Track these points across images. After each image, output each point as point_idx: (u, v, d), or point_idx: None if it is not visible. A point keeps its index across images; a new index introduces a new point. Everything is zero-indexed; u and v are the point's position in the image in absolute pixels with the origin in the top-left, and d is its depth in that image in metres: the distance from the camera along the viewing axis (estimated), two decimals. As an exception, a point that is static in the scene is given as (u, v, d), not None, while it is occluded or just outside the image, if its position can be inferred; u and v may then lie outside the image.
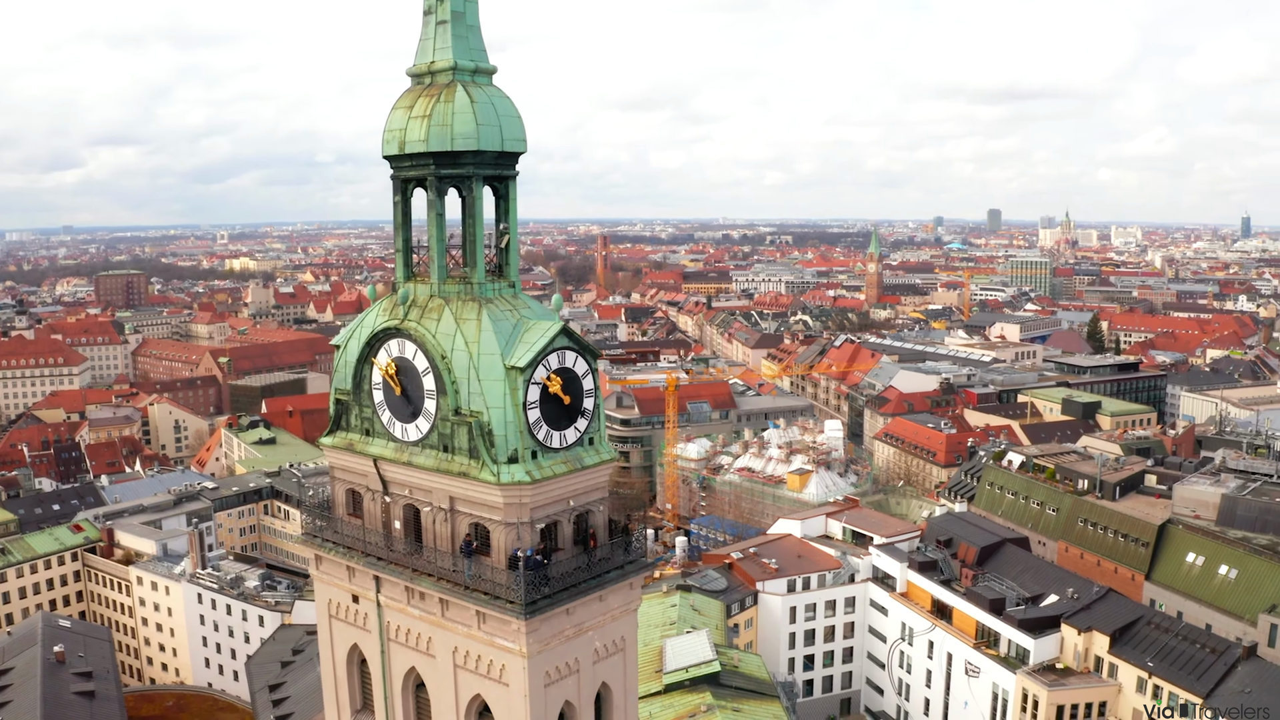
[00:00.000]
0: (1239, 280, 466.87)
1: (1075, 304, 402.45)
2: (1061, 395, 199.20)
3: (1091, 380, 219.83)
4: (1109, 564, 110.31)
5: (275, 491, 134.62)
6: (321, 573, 34.31)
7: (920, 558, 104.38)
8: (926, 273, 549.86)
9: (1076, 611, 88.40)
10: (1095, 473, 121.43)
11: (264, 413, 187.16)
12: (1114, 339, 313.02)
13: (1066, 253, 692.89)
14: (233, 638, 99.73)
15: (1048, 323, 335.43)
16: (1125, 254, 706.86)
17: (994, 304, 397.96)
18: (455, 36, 30.39)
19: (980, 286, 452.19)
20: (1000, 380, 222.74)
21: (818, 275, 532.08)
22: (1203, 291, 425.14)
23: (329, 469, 34.39)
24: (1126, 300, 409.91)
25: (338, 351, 33.34)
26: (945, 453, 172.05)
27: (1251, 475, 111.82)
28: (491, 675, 29.88)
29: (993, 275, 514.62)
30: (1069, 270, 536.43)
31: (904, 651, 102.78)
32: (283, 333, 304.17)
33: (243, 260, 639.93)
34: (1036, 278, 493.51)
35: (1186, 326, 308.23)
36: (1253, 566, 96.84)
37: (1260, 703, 72.24)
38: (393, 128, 30.78)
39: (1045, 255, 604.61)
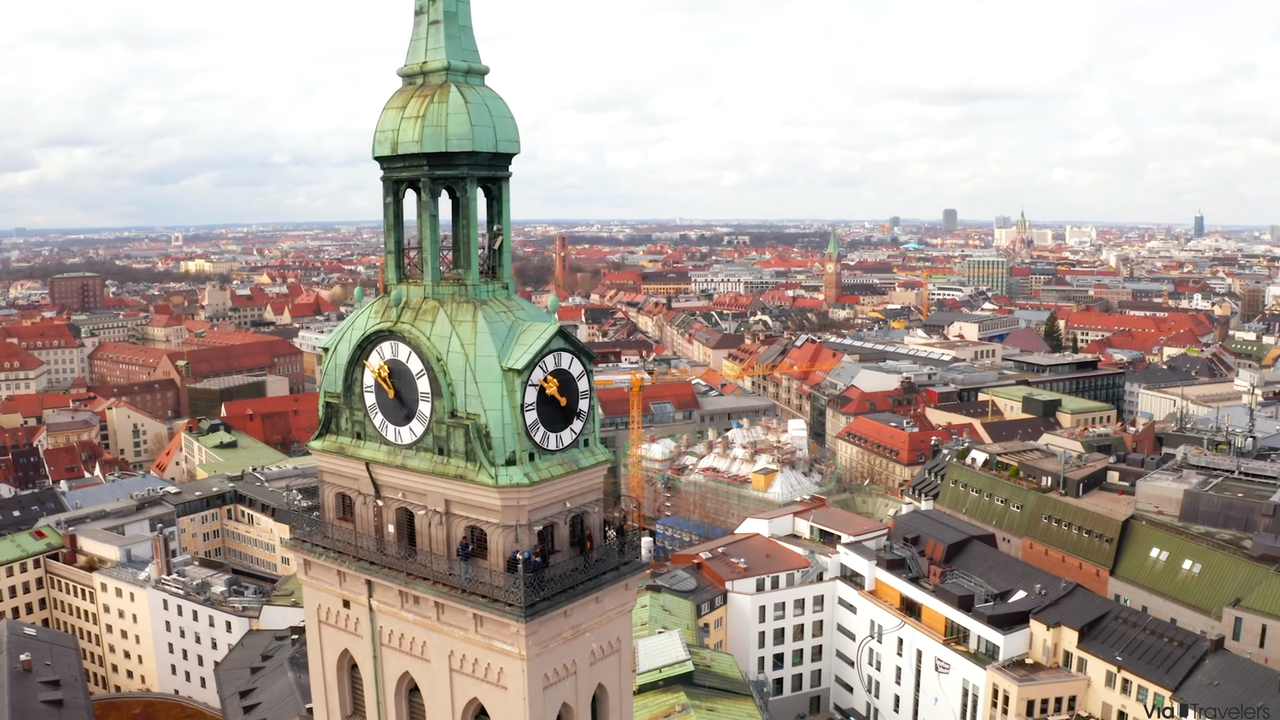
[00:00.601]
0: (1193, 279, 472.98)
1: (1032, 303, 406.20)
2: (1022, 394, 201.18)
3: (1051, 379, 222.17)
4: (1073, 560, 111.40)
5: (239, 496, 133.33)
6: (311, 578, 33.88)
7: (888, 556, 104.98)
8: (884, 273, 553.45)
9: (1045, 607, 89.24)
10: (1058, 470, 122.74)
11: (224, 416, 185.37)
12: (1071, 338, 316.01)
13: (1022, 252, 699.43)
14: (199, 644, 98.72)
15: (1005, 322, 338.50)
16: (1080, 253, 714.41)
17: (952, 303, 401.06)
18: (448, 37, 30.22)
19: (938, 286, 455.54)
20: (960, 379, 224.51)
21: (776, 275, 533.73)
22: (1158, 290, 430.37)
23: (318, 473, 33.97)
24: (1083, 299, 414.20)
25: (325, 354, 33.06)
26: (908, 451, 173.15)
27: (1213, 471, 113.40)
28: (489, 679, 29.71)
29: (950, 275, 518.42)
30: (1025, 270, 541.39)
31: (873, 649, 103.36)
32: (241, 335, 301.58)
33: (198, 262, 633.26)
34: (993, 277, 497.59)
35: (1143, 325, 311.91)
36: (1216, 561, 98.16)
37: (1229, 694, 73.27)
38: (385, 128, 30.51)
39: (1001, 255, 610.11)
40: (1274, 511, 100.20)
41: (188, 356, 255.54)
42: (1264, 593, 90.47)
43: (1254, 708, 70.78)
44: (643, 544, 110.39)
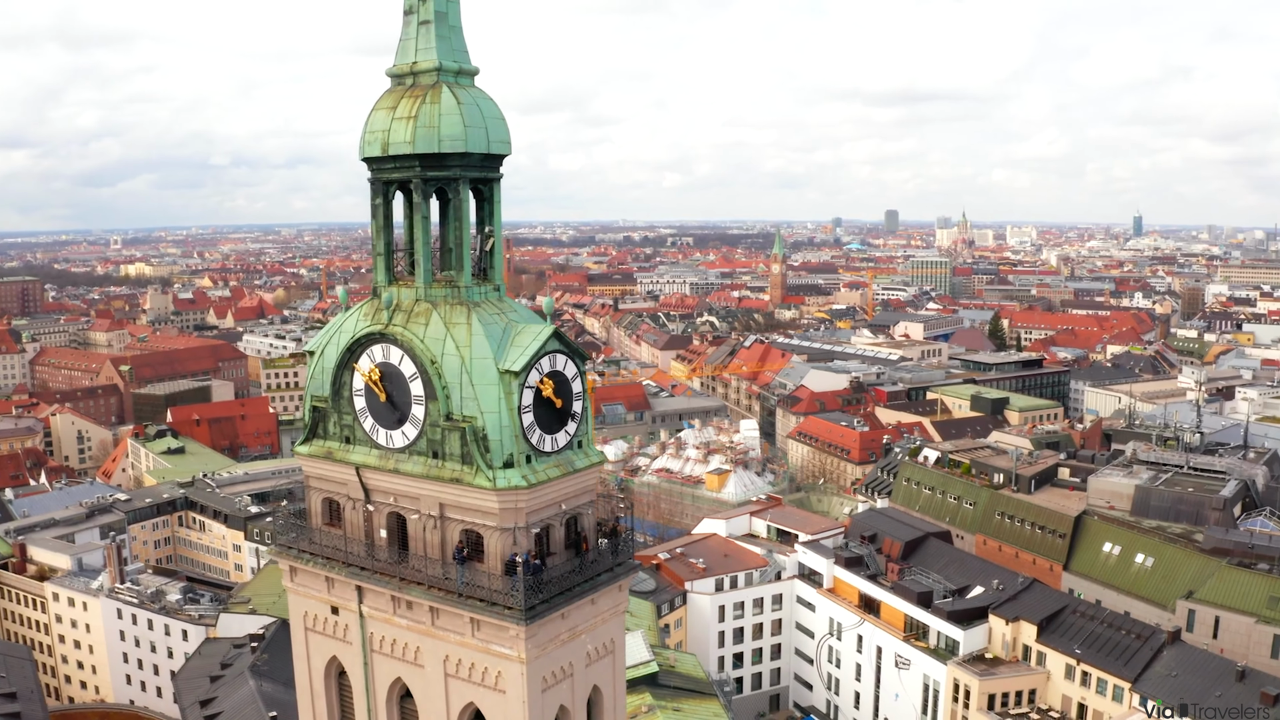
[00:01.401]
0: (1134, 278, 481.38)
1: (976, 303, 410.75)
2: (970, 392, 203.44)
3: (997, 377, 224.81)
4: (1027, 555, 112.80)
5: (190, 502, 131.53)
6: (297, 585, 33.40)
7: (846, 554, 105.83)
8: (829, 273, 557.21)
9: (1003, 602, 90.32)
10: (1010, 467, 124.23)
11: (170, 422, 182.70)
12: (1015, 336, 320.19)
13: (964, 252, 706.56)
14: (155, 653, 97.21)
15: (950, 321, 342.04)
16: (1021, 253, 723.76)
17: (896, 303, 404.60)
18: (439, 37, 29.95)
19: (882, 286, 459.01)
20: (908, 378, 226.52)
21: (721, 276, 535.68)
22: (1099, 289, 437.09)
23: (304, 478, 33.59)
24: (1025, 298, 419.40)
25: (311, 358, 32.62)
26: (859, 450, 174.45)
27: (1162, 466, 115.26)
28: (486, 683, 29.48)
29: (894, 275, 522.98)
30: (968, 270, 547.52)
31: (833, 646, 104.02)
32: (184, 339, 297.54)
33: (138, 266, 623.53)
34: (937, 277, 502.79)
35: (1085, 324, 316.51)
36: (1168, 554, 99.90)
37: (1187, 685, 74.66)
38: (375, 129, 30.17)
39: (944, 255, 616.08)
40: (1224, 505, 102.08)
41: (131, 361, 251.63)
42: (1216, 585, 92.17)
43: (1213, 697, 72.11)
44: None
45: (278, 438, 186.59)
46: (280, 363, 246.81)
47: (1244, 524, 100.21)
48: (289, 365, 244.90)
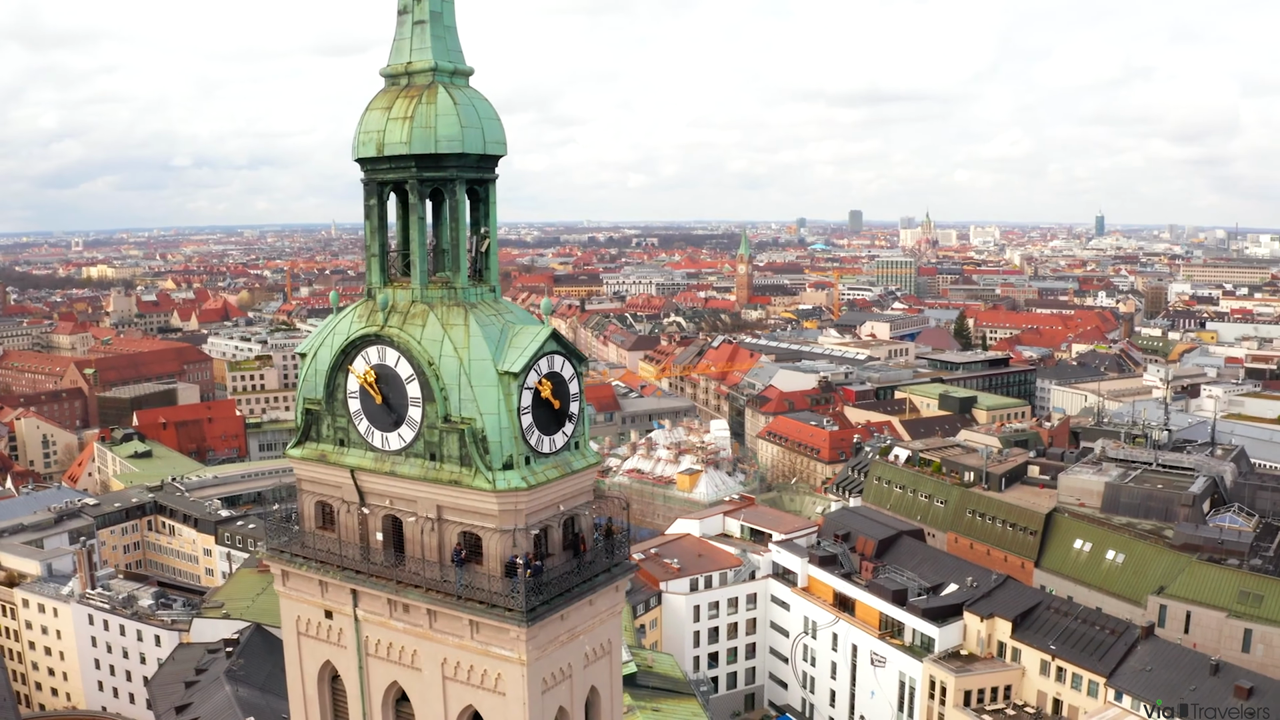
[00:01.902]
0: (1097, 277, 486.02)
1: (941, 302, 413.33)
2: (938, 391, 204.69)
3: (964, 376, 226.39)
4: (999, 553, 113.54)
5: (159, 507, 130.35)
6: (289, 589, 33.05)
7: (820, 552, 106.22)
8: (794, 273, 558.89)
9: (977, 599, 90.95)
10: (980, 465, 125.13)
11: (136, 425, 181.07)
12: (980, 336, 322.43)
13: (928, 252, 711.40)
14: (128, 659, 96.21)
15: (916, 321, 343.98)
16: (985, 253, 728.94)
17: (862, 303, 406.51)
18: (434, 37, 29.81)
19: (848, 286, 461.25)
20: (876, 377, 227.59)
21: (687, 277, 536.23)
22: (1063, 289, 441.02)
23: (296, 482, 33.11)
24: (990, 298, 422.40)
25: (304, 360, 32.40)
26: (829, 449, 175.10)
27: (1132, 464, 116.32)
28: (486, 685, 29.38)
29: (859, 275, 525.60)
30: (932, 269, 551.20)
31: (808, 645, 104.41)
32: (149, 342, 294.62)
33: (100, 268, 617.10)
34: (902, 277, 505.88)
35: (1050, 322, 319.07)
36: (1138, 551, 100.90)
37: (1162, 679, 75.51)
38: (370, 129, 29.96)
39: (908, 255, 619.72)
40: (1193, 502, 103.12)
41: (95, 364, 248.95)
42: (1187, 580, 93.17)
43: (1187, 691, 72.92)
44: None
45: (245, 441, 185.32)
46: (246, 365, 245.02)
47: (1213, 520, 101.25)
48: (255, 368, 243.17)
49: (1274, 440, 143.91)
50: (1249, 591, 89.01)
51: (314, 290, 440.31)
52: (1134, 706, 75.56)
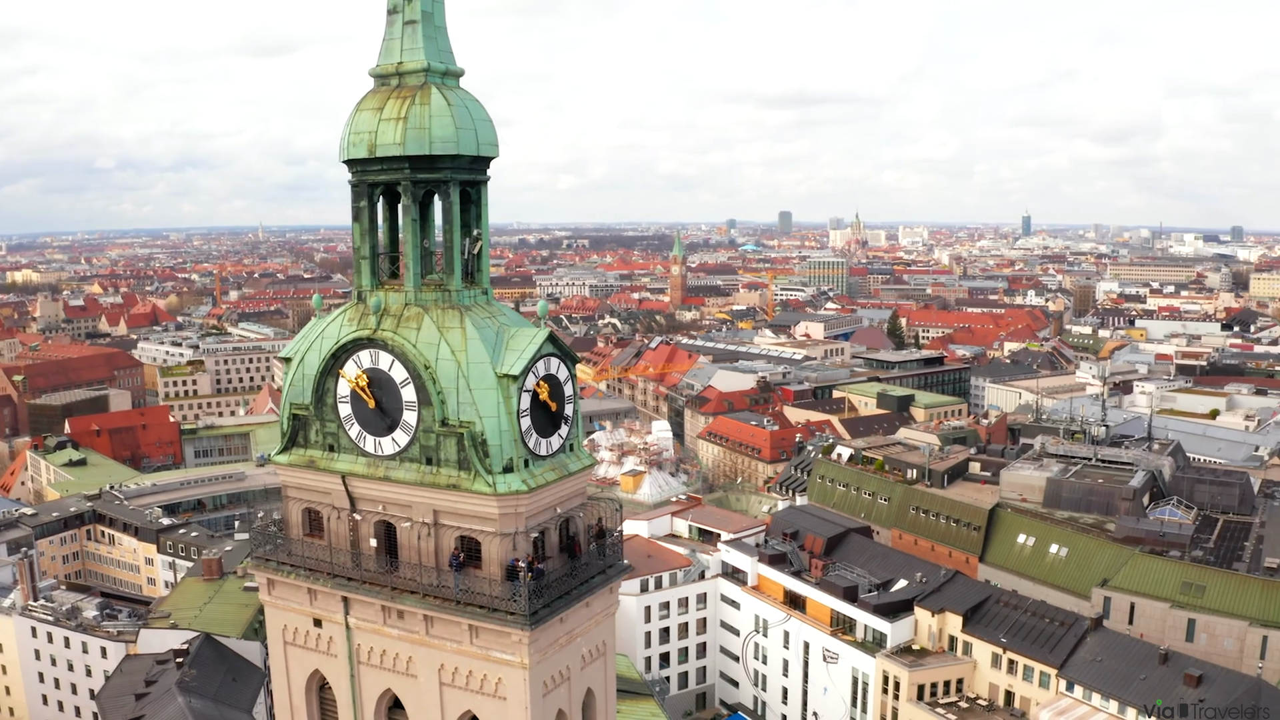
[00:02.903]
0: (1026, 276, 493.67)
1: (873, 302, 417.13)
2: (876, 390, 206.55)
3: (900, 375, 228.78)
4: (943, 549, 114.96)
5: (98, 515, 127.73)
6: (275, 598, 32.58)
7: (769, 551, 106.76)
8: (727, 274, 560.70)
9: (928, 594, 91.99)
10: (923, 462, 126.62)
11: (69, 433, 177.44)
12: (913, 335, 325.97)
13: (858, 253, 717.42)
14: (73, 672, 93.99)
15: (849, 320, 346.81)
16: (914, 253, 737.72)
17: (795, 304, 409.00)
18: (425, 37, 29.58)
19: (780, 287, 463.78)
20: (814, 377, 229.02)
21: (620, 278, 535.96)
22: (993, 288, 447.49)
23: (282, 488, 32.65)
24: (921, 297, 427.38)
25: (289, 364, 31.92)
26: (770, 449, 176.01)
27: (1071, 459, 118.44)
28: (485, 690, 29.18)
29: (792, 276, 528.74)
30: (863, 270, 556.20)
31: (759, 643, 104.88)
32: (78, 348, 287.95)
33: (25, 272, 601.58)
34: (834, 277, 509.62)
35: (981, 321, 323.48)
36: (1081, 544, 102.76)
37: (1112, 669, 76.98)
38: (360, 130, 29.61)
39: (839, 255, 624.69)
40: (1133, 496, 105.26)
41: (24, 371, 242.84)
42: (1130, 572, 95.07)
43: (1138, 681, 74.37)
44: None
45: (180, 448, 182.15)
46: (178, 370, 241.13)
47: (1153, 513, 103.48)
48: (186, 373, 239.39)
49: (1207, 435, 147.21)
50: (1191, 582, 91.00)
51: (243, 294, 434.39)
52: (1085, 696, 76.95)
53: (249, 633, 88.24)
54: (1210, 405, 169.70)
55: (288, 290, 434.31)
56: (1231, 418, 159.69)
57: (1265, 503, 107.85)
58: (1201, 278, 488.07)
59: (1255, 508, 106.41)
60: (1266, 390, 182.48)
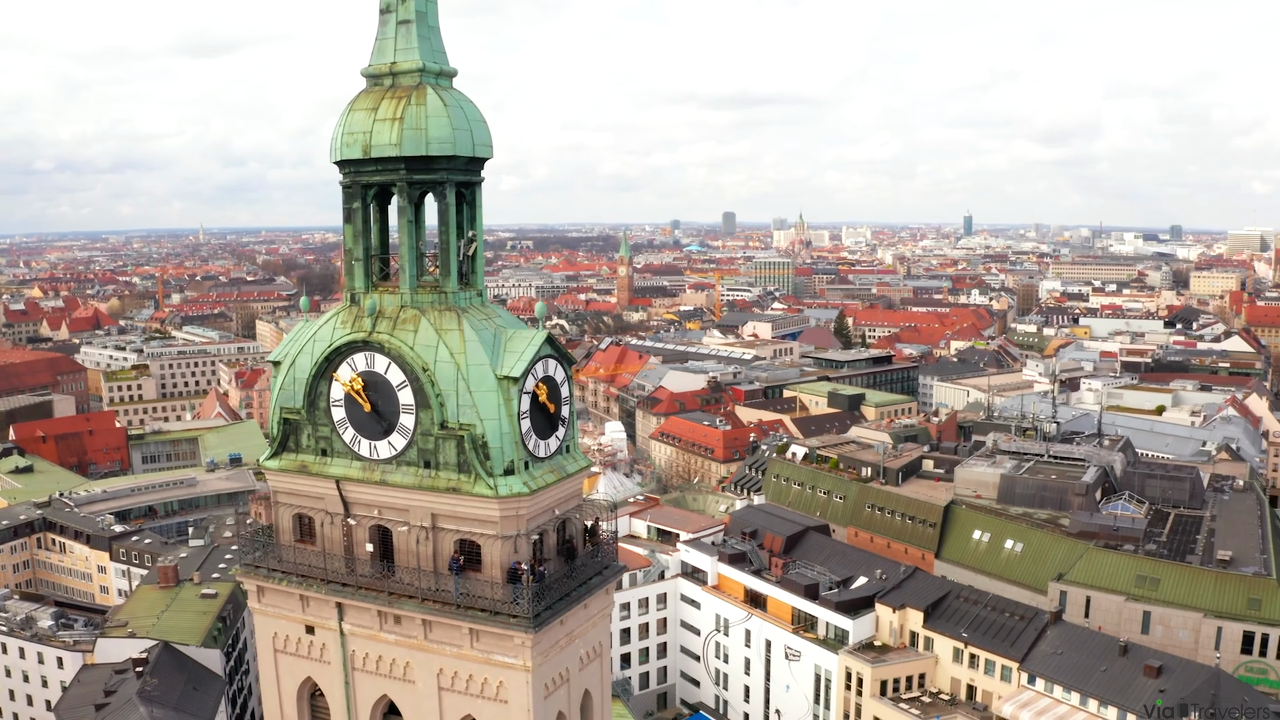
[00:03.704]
0: (969, 276, 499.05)
1: (819, 302, 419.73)
2: (826, 389, 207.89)
3: (850, 374, 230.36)
4: (899, 545, 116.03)
5: (48, 523, 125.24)
6: (264, 605, 32.17)
7: (729, 550, 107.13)
8: (673, 275, 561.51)
9: (888, 591, 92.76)
10: (877, 460, 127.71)
11: (14, 439, 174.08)
12: (860, 334, 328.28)
13: (803, 253, 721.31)
14: (29, 683, 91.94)
15: (797, 320, 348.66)
16: (858, 253, 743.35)
17: (742, 304, 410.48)
18: (419, 37, 29.40)
19: (727, 288, 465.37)
20: (764, 376, 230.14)
21: (567, 279, 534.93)
22: (937, 287, 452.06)
23: (271, 494, 32.25)
24: (866, 297, 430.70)
25: (278, 368, 31.47)
26: (723, 449, 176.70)
27: (1024, 456, 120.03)
28: (486, 694, 29.06)
29: (738, 276, 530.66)
30: (809, 270, 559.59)
31: (720, 642, 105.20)
32: (19, 353, 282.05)
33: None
34: (780, 277, 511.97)
35: (927, 320, 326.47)
36: (1036, 539, 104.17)
37: (1073, 661, 78.22)
38: (354, 130, 29.36)
39: (784, 256, 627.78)
40: (1086, 491, 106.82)
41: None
42: (1085, 566, 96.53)
43: (1098, 673, 75.55)
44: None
45: (128, 453, 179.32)
46: (122, 375, 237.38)
47: (1106, 508, 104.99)
48: (131, 377, 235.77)
49: (1155, 431, 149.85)
50: (1146, 575, 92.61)
51: (185, 297, 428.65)
52: (1047, 689, 78.06)
53: (208, 640, 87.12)
54: (1156, 402, 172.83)
55: (231, 293, 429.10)
56: (1177, 414, 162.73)
57: (1215, 497, 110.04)
58: (1142, 276, 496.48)
59: (1205, 502, 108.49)
60: (1211, 387, 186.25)
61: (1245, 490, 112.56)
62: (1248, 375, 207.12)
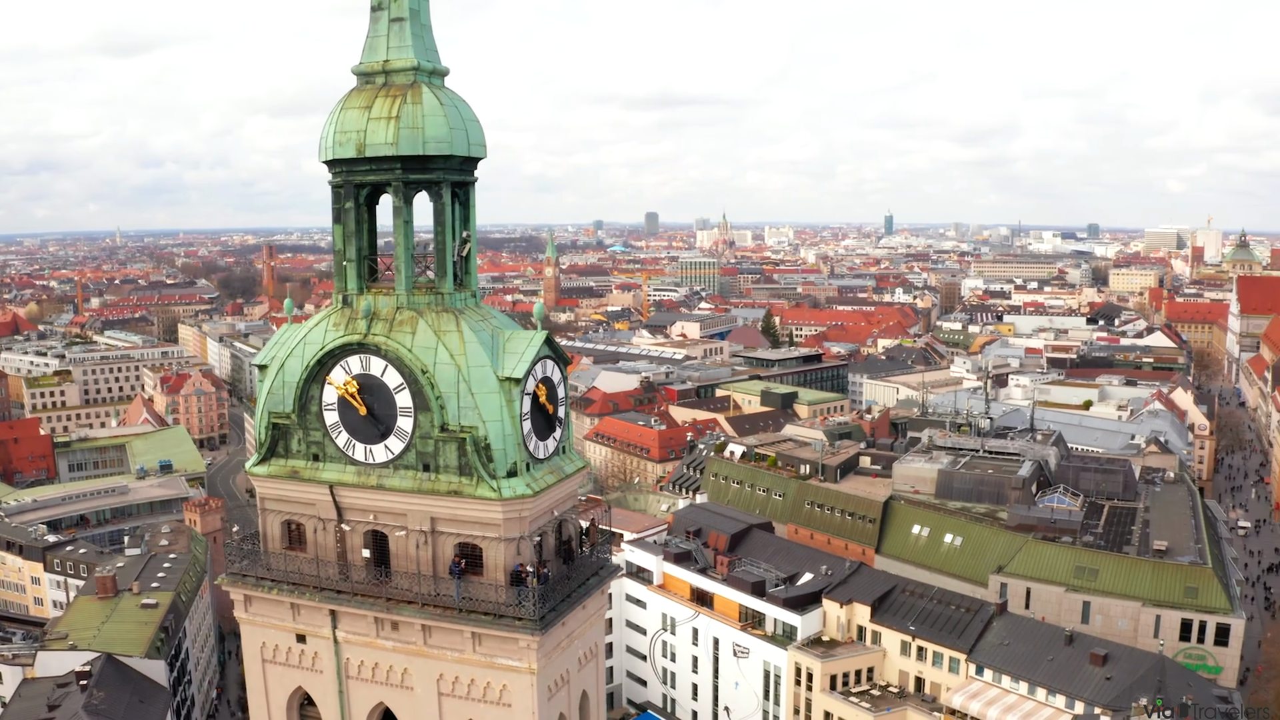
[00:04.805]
0: (893, 274, 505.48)
1: (746, 301, 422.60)
2: (759, 388, 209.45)
3: (780, 372, 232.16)
4: (839, 541, 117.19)
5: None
6: (252, 615, 31.52)
7: (674, 550, 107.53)
8: (599, 275, 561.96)
9: (835, 586, 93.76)
10: (816, 458, 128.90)
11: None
12: (788, 333, 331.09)
13: (726, 253, 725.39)
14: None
15: (724, 320, 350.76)
16: (781, 253, 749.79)
17: (670, 304, 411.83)
18: (413, 35, 29.16)
19: (654, 288, 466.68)
20: (697, 376, 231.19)
21: (492, 281, 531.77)
22: (862, 286, 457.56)
23: (259, 501, 31.63)
24: (792, 296, 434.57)
25: (265, 372, 31.01)
26: (658, 449, 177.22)
27: (960, 451, 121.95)
28: (488, 699, 28.84)
29: (664, 276, 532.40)
30: (734, 269, 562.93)
31: (666, 641, 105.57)
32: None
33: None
34: (705, 277, 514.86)
35: (853, 319, 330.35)
36: (975, 533, 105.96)
37: (1019, 651, 79.83)
38: (348, 129, 28.97)
39: (708, 256, 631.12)
40: (1023, 485, 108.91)
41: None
42: (1024, 559, 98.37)
43: (1045, 662, 77.19)
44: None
45: (54, 461, 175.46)
46: (44, 381, 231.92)
47: (1042, 501, 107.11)
48: (54, 384, 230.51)
49: (1084, 425, 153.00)
50: (1084, 566, 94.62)
51: (105, 301, 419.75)
52: (995, 679, 79.57)
53: (151, 651, 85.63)
54: (1083, 397, 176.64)
55: (151, 296, 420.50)
56: (1105, 408, 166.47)
57: (1147, 489, 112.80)
58: (1063, 274, 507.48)
59: (1138, 494, 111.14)
60: (1136, 381, 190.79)
61: (1176, 482, 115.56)
62: (1171, 370, 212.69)
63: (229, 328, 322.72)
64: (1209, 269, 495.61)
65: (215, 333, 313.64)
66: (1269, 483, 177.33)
